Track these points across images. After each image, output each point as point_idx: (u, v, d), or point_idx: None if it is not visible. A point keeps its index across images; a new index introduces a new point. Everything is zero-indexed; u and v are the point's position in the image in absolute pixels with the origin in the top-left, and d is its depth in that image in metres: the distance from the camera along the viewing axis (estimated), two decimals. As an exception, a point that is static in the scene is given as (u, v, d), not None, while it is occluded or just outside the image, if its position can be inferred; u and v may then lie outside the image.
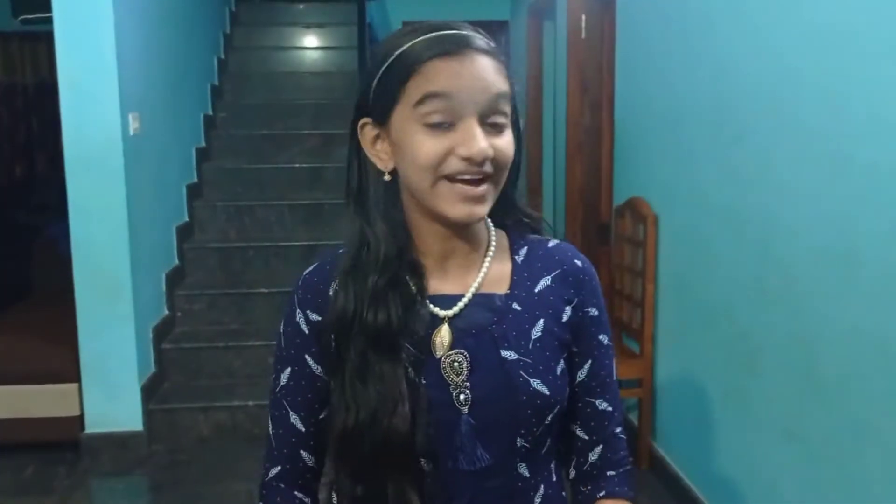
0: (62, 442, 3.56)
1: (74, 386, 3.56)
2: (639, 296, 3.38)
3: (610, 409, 1.12)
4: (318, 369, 1.08)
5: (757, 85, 2.45)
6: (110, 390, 3.58)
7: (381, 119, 1.00)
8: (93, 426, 3.58)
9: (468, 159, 0.95)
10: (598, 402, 1.11)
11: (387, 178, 1.03)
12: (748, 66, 2.50)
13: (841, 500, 2.10)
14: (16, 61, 6.22)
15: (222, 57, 5.72)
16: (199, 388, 3.90)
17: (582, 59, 4.42)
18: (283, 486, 1.10)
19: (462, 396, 1.02)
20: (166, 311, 4.10)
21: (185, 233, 4.48)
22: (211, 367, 3.97)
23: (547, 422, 1.04)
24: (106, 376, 3.56)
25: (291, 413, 1.09)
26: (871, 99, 1.94)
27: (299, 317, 1.08)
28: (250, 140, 5.17)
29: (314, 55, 6.24)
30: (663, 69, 3.19)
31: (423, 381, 1.01)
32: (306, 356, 1.08)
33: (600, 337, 1.10)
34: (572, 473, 1.14)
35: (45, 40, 5.35)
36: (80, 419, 3.57)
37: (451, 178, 0.96)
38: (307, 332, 1.07)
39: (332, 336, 1.03)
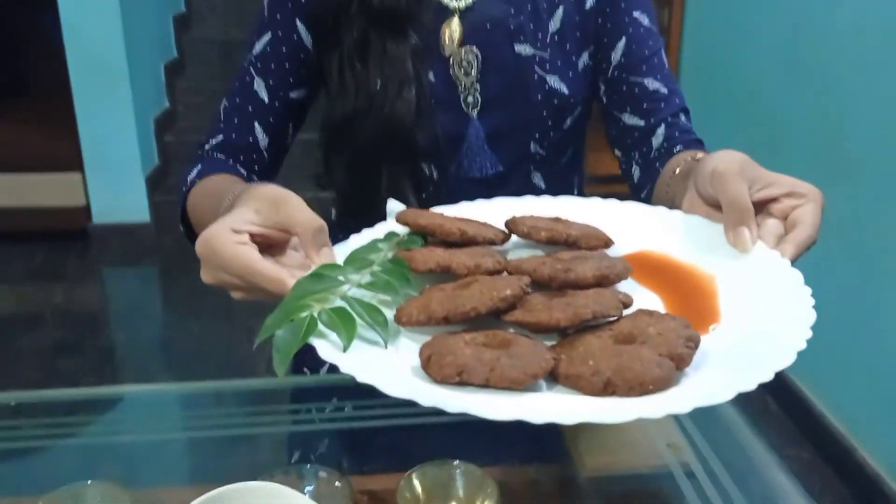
0: (71, 232, 3.56)
1: (78, 175, 3.53)
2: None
3: (664, 90, 0.94)
4: (307, 38, 0.94)
5: None
6: (114, 180, 3.54)
7: None
8: (100, 217, 3.58)
9: None
10: (646, 80, 0.94)
11: None
12: None
13: (854, 281, 2.08)
14: None
15: None
16: (204, 182, 3.84)
17: None
18: (220, 155, 0.94)
19: (470, 98, 0.91)
20: (167, 104, 3.98)
21: (183, 24, 4.27)
22: (216, 162, 3.89)
23: (566, 126, 0.94)
24: (109, 166, 3.52)
25: (257, 79, 0.93)
26: None
27: None
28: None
29: None
30: None
31: (432, 79, 0.90)
32: (297, 21, 0.93)
33: (635, 14, 0.95)
34: (636, 173, 0.95)
35: None
36: (86, 209, 3.56)
37: None
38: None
39: (329, 15, 0.90)
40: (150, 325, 3.07)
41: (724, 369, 0.50)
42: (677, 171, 0.81)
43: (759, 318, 0.54)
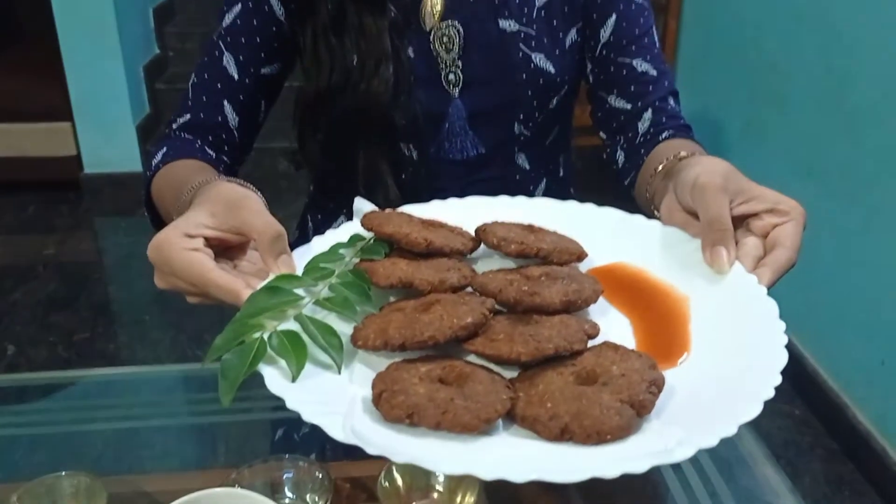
0: (62, 182, 3.52)
1: (68, 125, 3.47)
2: (660, 32, 3.16)
3: (653, 71, 0.90)
4: (279, 10, 0.89)
5: None
6: (105, 130, 3.48)
7: None
8: (91, 166, 3.53)
9: None
10: (635, 62, 0.90)
11: None
12: None
13: (853, 231, 2.05)
14: None
15: None
16: (196, 130, 3.79)
17: None
18: (187, 136, 0.90)
19: (452, 76, 0.87)
20: (157, 50, 3.89)
21: (171, -35, 4.14)
22: (208, 110, 3.83)
23: (552, 105, 0.90)
24: (99, 115, 3.46)
25: (226, 55, 0.88)
26: None
27: None
28: None
29: None
30: None
31: (411, 55, 0.86)
32: None
33: None
34: (621, 158, 0.92)
35: None
36: (77, 159, 3.52)
37: None
38: None
39: None
40: (143, 277, 3.04)
41: (688, 421, 0.47)
42: (659, 168, 0.78)
43: (728, 355, 0.52)
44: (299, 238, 1.02)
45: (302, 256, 0.62)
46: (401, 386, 0.48)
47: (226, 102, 0.89)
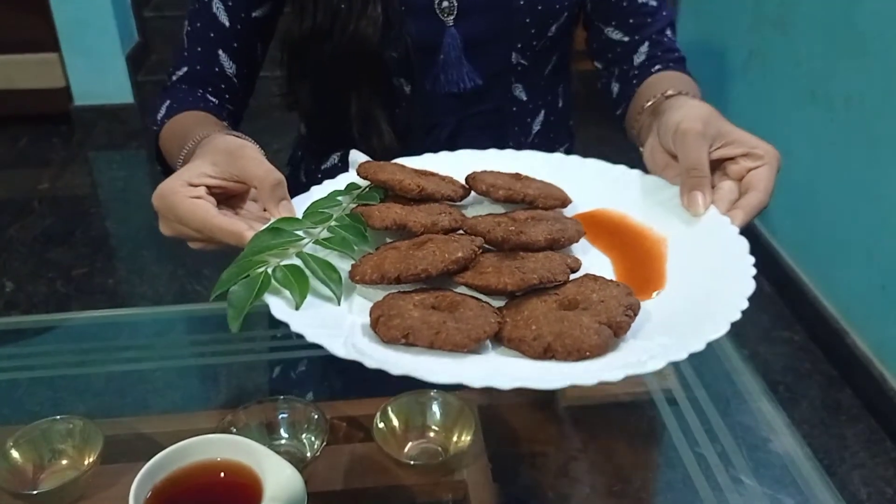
0: (53, 115, 3.47)
1: (55, 56, 3.39)
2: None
3: (653, 2, 0.89)
4: None
5: None
6: (93, 60, 3.41)
7: None
8: (81, 98, 3.48)
9: None
10: None
11: None
12: None
13: (856, 158, 2.02)
14: None
15: None
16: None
17: None
18: (185, 87, 0.90)
19: (446, 4, 0.83)
20: (144, -24, 3.78)
21: None
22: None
23: (550, 33, 0.86)
24: (86, 45, 3.38)
25: (216, 1, 0.87)
26: None
27: None
28: None
29: None
30: None
31: None
32: None
33: None
34: (615, 89, 0.93)
35: None
36: (66, 91, 3.45)
37: None
38: None
39: None
40: (139, 211, 3.03)
41: (660, 338, 0.51)
42: (647, 105, 0.77)
43: (701, 286, 0.56)
44: (291, 174, 1.00)
45: (301, 203, 0.65)
46: (397, 311, 0.52)
47: (221, 52, 0.88)
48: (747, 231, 0.62)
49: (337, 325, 0.54)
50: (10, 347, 0.92)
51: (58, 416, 0.74)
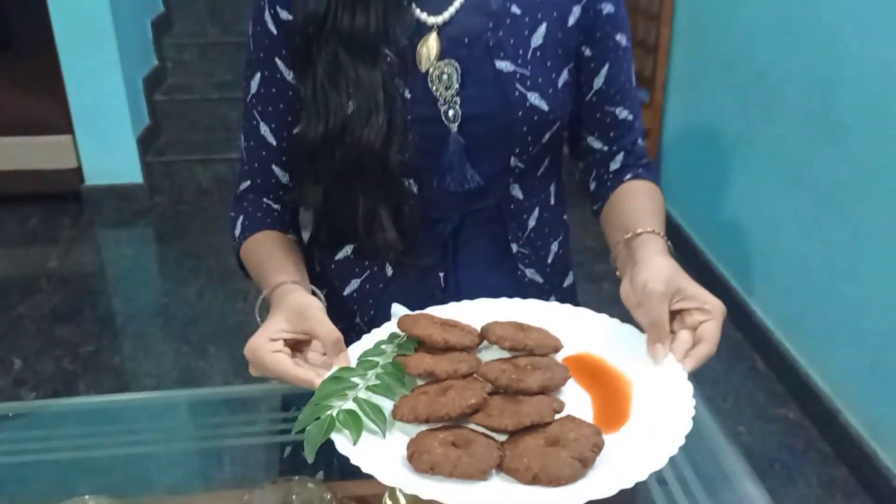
0: (64, 194, 3.57)
1: (68, 137, 3.52)
2: (652, 41, 3.19)
3: (630, 117, 1.01)
4: (289, 75, 0.96)
5: None
6: (105, 142, 3.53)
7: None
8: (92, 178, 3.58)
9: None
10: (617, 110, 1.00)
11: None
12: None
13: (841, 240, 2.09)
14: None
15: None
16: (195, 141, 3.83)
17: None
18: (252, 196, 1.04)
19: (451, 112, 0.92)
20: (156, 62, 3.93)
21: (168, -23, 4.18)
22: (206, 120, 3.87)
23: (544, 140, 0.95)
24: (99, 127, 3.50)
25: (262, 124, 0.99)
26: None
27: (268, 15, 0.95)
28: None
29: None
30: None
31: (408, 96, 0.90)
32: (276, 59, 0.96)
33: (617, 37, 0.97)
34: (592, 185, 1.06)
35: None
36: (78, 171, 3.56)
37: None
38: (276, 32, 0.95)
39: (304, 38, 0.91)
40: (146, 289, 3.09)
41: (616, 469, 0.68)
42: (625, 238, 0.90)
43: (654, 424, 0.72)
44: (307, 265, 1.06)
45: (354, 352, 0.83)
46: (426, 448, 0.70)
47: (274, 166, 1.02)
48: (739, 307, 0.69)
49: (382, 457, 0.71)
50: (24, 431, 0.96)
51: (85, 496, 0.79)
